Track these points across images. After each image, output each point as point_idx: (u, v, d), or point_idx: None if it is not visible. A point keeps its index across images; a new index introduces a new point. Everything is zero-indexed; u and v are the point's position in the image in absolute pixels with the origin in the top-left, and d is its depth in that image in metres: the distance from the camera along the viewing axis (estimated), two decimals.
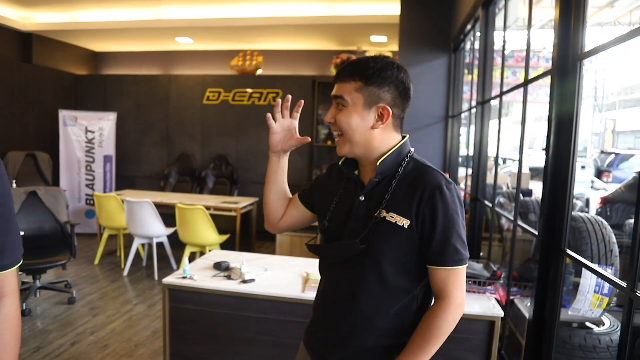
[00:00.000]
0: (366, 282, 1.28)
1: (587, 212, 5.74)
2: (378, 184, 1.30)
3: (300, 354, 1.50)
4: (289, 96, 1.41)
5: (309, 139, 1.46)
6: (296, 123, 1.45)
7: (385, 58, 1.28)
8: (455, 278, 1.23)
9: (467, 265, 1.25)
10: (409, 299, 1.28)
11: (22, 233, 3.99)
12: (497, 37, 3.47)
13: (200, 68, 7.91)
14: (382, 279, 1.26)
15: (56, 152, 7.04)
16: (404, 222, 1.23)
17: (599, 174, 11.16)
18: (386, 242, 1.24)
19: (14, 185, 5.48)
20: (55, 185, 6.85)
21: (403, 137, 1.33)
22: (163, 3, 6.15)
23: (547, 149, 1.97)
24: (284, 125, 1.44)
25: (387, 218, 1.24)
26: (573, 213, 2.48)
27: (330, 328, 1.36)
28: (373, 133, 1.27)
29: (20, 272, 3.85)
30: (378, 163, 1.28)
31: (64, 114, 7.02)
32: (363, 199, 1.31)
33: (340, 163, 1.39)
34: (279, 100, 1.43)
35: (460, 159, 4.92)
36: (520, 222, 2.52)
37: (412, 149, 1.34)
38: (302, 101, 1.43)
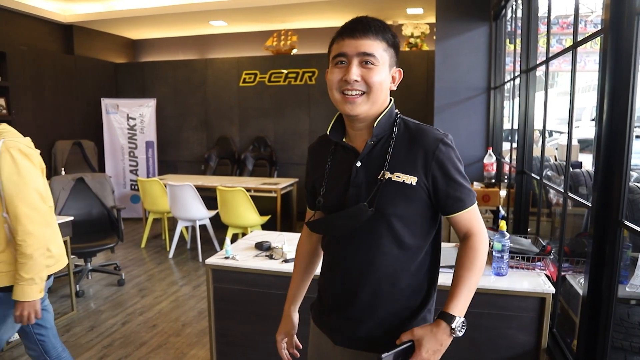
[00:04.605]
0: (382, 246, 1.26)
1: None
2: (374, 147, 1.29)
3: (314, 335, 1.45)
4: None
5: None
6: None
7: None
8: (475, 214, 1.29)
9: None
10: (423, 256, 1.29)
11: (71, 218, 4.10)
12: (542, 2, 3.27)
13: (235, 51, 7.93)
14: (397, 240, 1.25)
15: (101, 140, 7.26)
16: (412, 180, 1.23)
17: None
18: (397, 201, 1.24)
19: (63, 172, 5.68)
20: (101, 172, 7.08)
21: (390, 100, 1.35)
22: None
23: (599, 117, 1.84)
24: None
25: (393, 178, 1.24)
26: (630, 184, 2.33)
27: (351, 302, 1.31)
28: (387, 94, 1.30)
29: (72, 256, 4.00)
30: (375, 125, 1.27)
31: (106, 102, 7.21)
32: (360, 164, 1.28)
33: (329, 132, 1.35)
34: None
35: (504, 134, 4.74)
36: (571, 194, 2.40)
37: (397, 110, 1.35)
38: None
